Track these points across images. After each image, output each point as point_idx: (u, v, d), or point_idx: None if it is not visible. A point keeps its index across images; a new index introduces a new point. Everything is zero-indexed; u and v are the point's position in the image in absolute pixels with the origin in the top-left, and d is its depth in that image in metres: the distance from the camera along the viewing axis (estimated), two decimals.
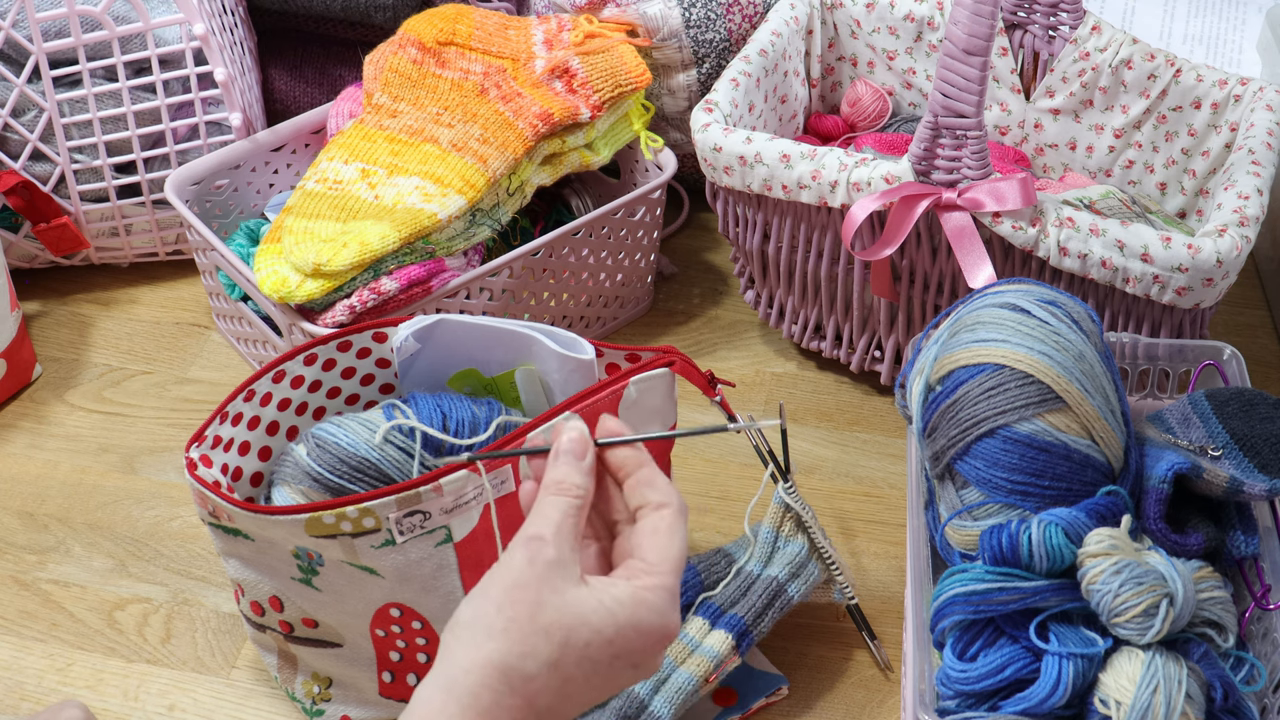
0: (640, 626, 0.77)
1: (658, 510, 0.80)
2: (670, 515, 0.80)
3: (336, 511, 0.96)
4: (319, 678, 1.09)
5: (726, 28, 1.42)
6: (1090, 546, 0.92)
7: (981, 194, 1.15)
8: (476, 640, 0.75)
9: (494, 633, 0.75)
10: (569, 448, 0.81)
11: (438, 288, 1.24)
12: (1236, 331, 1.41)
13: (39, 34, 1.32)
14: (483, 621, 0.75)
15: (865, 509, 1.26)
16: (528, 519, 0.80)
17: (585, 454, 0.81)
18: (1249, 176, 1.18)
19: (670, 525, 0.80)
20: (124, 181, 1.41)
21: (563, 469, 0.81)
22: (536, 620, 0.75)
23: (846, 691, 1.12)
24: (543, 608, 0.75)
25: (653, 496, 0.81)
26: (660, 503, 0.81)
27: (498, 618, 0.75)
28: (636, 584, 0.77)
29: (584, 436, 0.82)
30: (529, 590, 0.75)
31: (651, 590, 0.77)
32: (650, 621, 0.77)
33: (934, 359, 1.01)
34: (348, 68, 1.55)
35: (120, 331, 1.44)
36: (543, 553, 0.76)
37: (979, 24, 1.08)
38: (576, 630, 0.75)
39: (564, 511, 0.79)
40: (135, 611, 1.18)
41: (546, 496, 0.80)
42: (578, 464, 0.81)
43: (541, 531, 0.78)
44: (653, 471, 0.82)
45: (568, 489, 0.80)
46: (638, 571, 0.78)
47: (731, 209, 1.31)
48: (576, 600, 0.76)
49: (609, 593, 0.77)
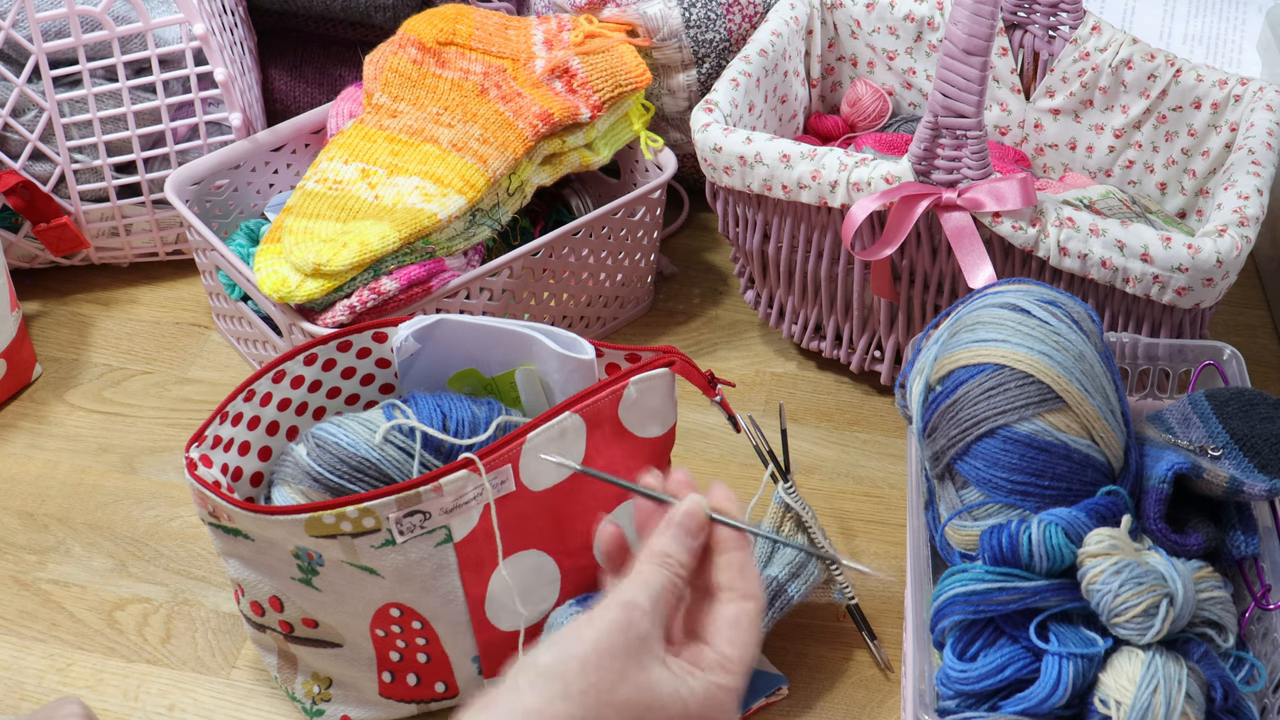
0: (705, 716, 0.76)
1: (744, 601, 0.79)
2: (754, 611, 0.79)
3: (336, 511, 0.96)
4: (319, 678, 1.09)
5: (726, 28, 1.42)
6: (1090, 546, 0.92)
7: (981, 194, 1.15)
8: (552, 695, 0.73)
9: (572, 694, 0.73)
10: (685, 523, 0.80)
11: (438, 288, 1.24)
12: (1236, 331, 1.41)
13: (39, 34, 1.32)
14: (563, 678, 0.73)
15: (865, 509, 1.26)
16: (627, 580, 0.78)
17: (698, 535, 0.80)
18: (1249, 176, 1.18)
19: (753, 622, 0.79)
20: (124, 181, 1.41)
21: (672, 543, 0.79)
22: (616, 693, 0.74)
23: (846, 691, 1.12)
24: (624, 681, 0.74)
25: (740, 584, 0.80)
26: (748, 593, 0.79)
27: (579, 679, 0.73)
28: (713, 680, 0.77)
29: (702, 515, 0.81)
30: (616, 659, 0.74)
31: (724, 690, 0.77)
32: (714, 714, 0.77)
33: (934, 359, 1.01)
34: (348, 68, 1.55)
35: (120, 331, 1.44)
36: (638, 625, 0.75)
37: (979, 24, 1.08)
38: (651, 710, 0.75)
39: (664, 586, 0.77)
40: (135, 611, 1.18)
41: (650, 565, 0.78)
42: (689, 542, 0.80)
43: (640, 601, 0.76)
44: (749, 558, 0.81)
45: (674, 565, 0.78)
46: (714, 666, 0.77)
47: (731, 209, 1.31)
48: (657, 682, 0.75)
49: (686, 683, 0.76)
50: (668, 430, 1.09)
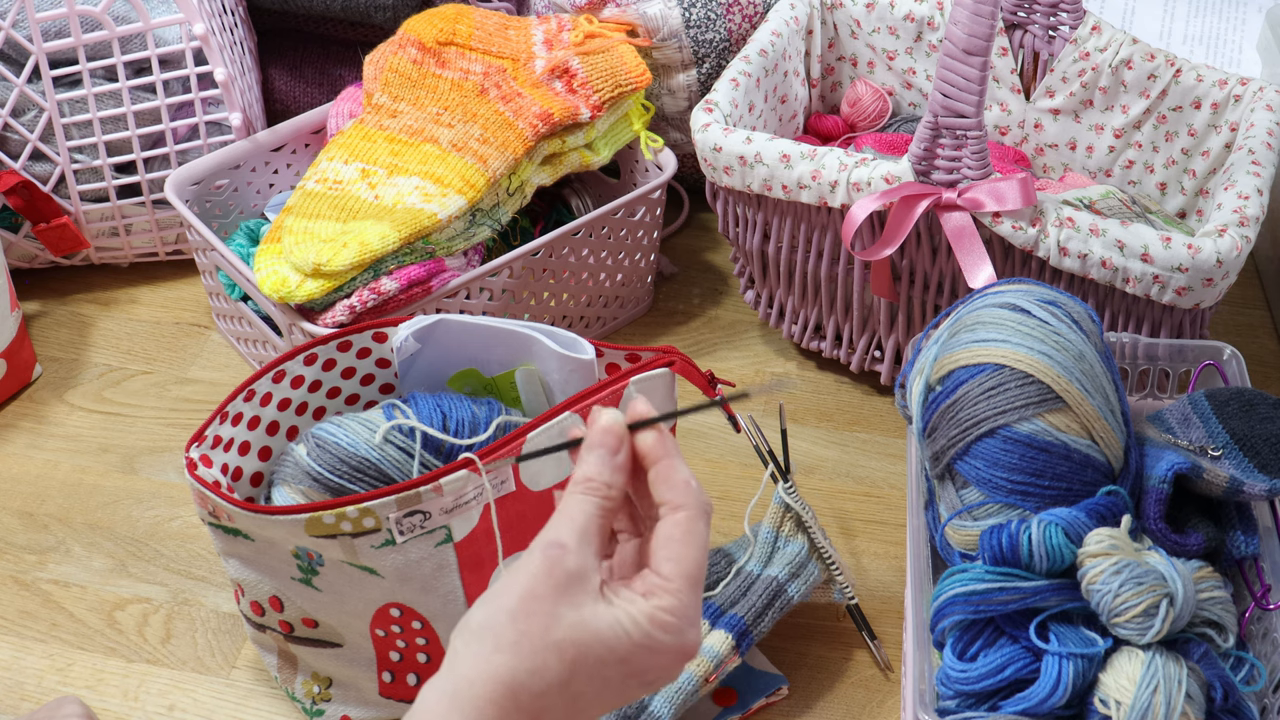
0: (655, 647, 0.72)
1: (674, 513, 0.74)
2: (685, 520, 0.74)
3: (336, 511, 0.96)
4: (319, 678, 1.09)
5: (726, 28, 1.42)
6: (1090, 546, 0.92)
7: (981, 194, 1.15)
8: (485, 651, 0.71)
9: (504, 645, 0.71)
10: (602, 440, 0.75)
11: (438, 288, 1.24)
12: (1236, 331, 1.41)
13: (39, 34, 1.32)
14: (493, 631, 0.71)
15: (865, 509, 1.26)
16: (552, 520, 0.74)
17: (619, 449, 0.75)
18: (1249, 176, 1.18)
19: (685, 532, 0.74)
20: (124, 181, 1.41)
21: (593, 464, 0.74)
22: (550, 635, 0.71)
23: (846, 691, 1.12)
24: (557, 623, 0.71)
25: (669, 495, 0.74)
26: (676, 504, 0.74)
27: (509, 629, 0.71)
28: (653, 604, 0.72)
29: (617, 428, 0.75)
30: (544, 603, 0.71)
31: (669, 611, 0.72)
32: (666, 642, 0.72)
33: (934, 359, 1.01)
34: (348, 68, 1.55)
35: (120, 331, 1.44)
36: (563, 562, 0.71)
37: (979, 24, 1.08)
38: (590, 648, 0.71)
39: (589, 514, 0.73)
40: (135, 611, 1.18)
41: (573, 494, 0.74)
42: (609, 459, 0.75)
43: (563, 538, 0.72)
44: (672, 465, 0.75)
45: (596, 488, 0.74)
46: (654, 588, 0.73)
47: (731, 209, 1.31)
48: (592, 617, 0.71)
49: (625, 610, 0.72)
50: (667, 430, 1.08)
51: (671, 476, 0.75)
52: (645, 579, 0.74)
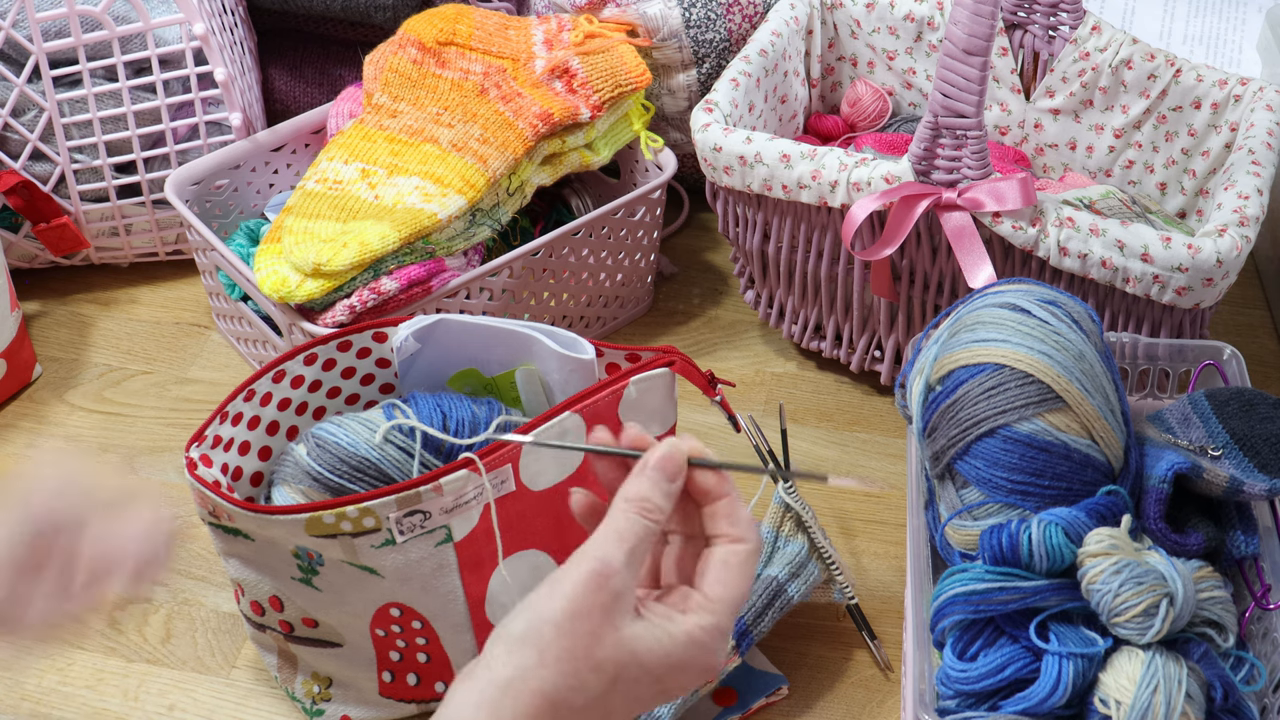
0: (689, 667, 0.75)
1: (734, 544, 0.76)
2: (744, 552, 0.76)
3: (336, 511, 0.96)
4: (319, 677, 1.09)
5: (726, 28, 1.42)
6: (1090, 546, 0.92)
7: (981, 194, 1.15)
8: (529, 663, 0.72)
9: (547, 661, 0.72)
10: (662, 465, 0.76)
11: (438, 288, 1.24)
12: (1236, 331, 1.41)
13: (39, 34, 1.32)
14: (538, 644, 0.72)
15: (865, 509, 1.26)
16: (599, 531, 0.75)
17: (676, 478, 0.76)
18: (1249, 176, 1.18)
19: (742, 562, 0.76)
20: (124, 181, 1.41)
21: (648, 487, 0.75)
22: (593, 654, 0.72)
23: (846, 691, 1.12)
24: (599, 642, 0.72)
25: (731, 530, 0.77)
26: (739, 537, 0.76)
27: (553, 645, 0.72)
28: (693, 621, 0.74)
29: (679, 456, 0.77)
30: (589, 621, 0.72)
31: (707, 631, 0.74)
32: (700, 661, 0.75)
33: (934, 359, 1.01)
34: (348, 68, 1.55)
35: (120, 331, 1.44)
36: (610, 582, 0.73)
37: (979, 24, 1.08)
38: (628, 668, 0.73)
39: (639, 535, 0.74)
40: (135, 611, 1.18)
41: (626, 512, 0.75)
42: (666, 486, 0.76)
43: (611, 557, 0.73)
44: (738, 503, 0.77)
45: (650, 511, 0.75)
46: (696, 607, 0.75)
47: (731, 209, 1.31)
48: (633, 637, 0.73)
49: (665, 629, 0.74)
50: (667, 430, 1.09)
51: (735, 513, 0.77)
52: (689, 596, 0.76)
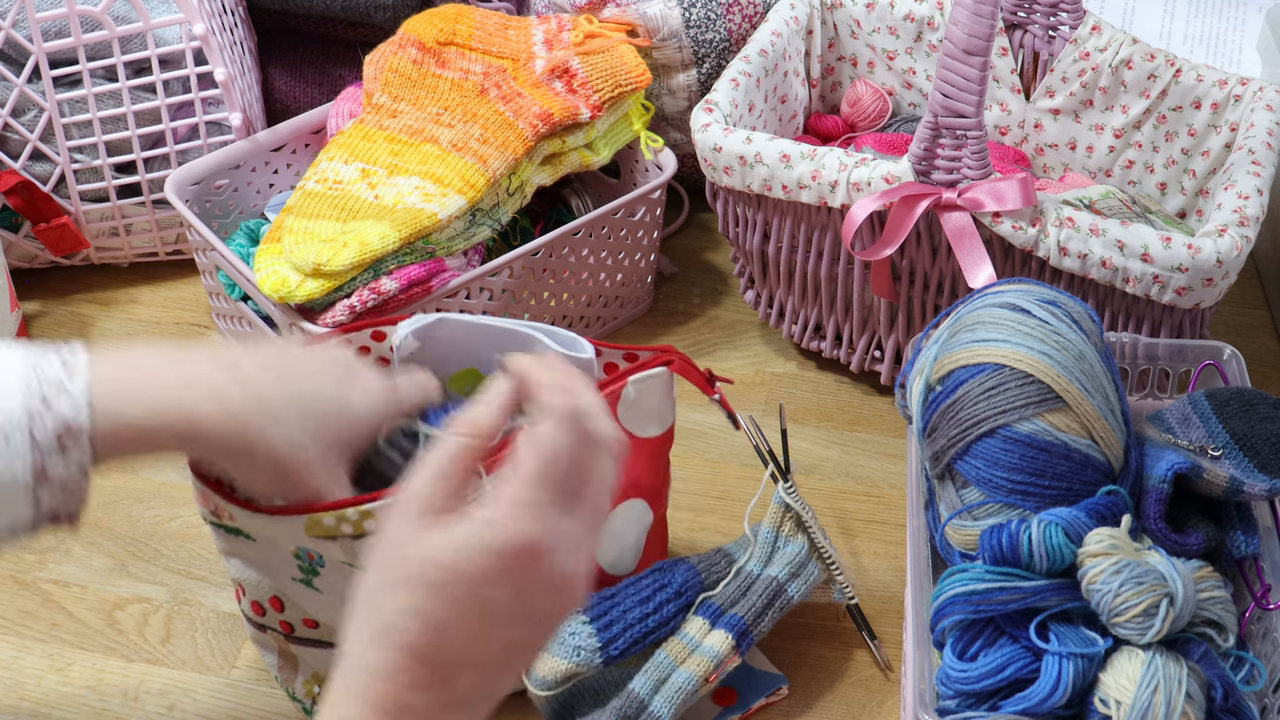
0: (491, 548, 0.71)
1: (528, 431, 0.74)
2: (535, 433, 0.73)
3: (336, 513, 0.96)
4: (319, 678, 1.09)
5: (726, 28, 1.42)
6: (1090, 546, 0.92)
7: (981, 194, 1.15)
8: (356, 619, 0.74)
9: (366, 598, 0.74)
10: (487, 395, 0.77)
11: (438, 288, 1.24)
12: (1236, 331, 1.41)
13: (39, 34, 1.32)
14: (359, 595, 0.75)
15: (865, 509, 1.26)
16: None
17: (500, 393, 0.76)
18: (1249, 176, 1.18)
19: (528, 438, 0.73)
20: (124, 181, 1.41)
21: (473, 408, 0.76)
22: (396, 571, 0.72)
23: (846, 691, 1.12)
24: (406, 559, 0.72)
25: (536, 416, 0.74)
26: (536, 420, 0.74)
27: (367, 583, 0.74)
28: (482, 512, 0.72)
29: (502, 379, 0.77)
30: (392, 547, 0.73)
31: (494, 509, 0.72)
32: (500, 539, 0.71)
33: (934, 359, 1.01)
34: (348, 68, 1.55)
35: (120, 331, 1.44)
36: (408, 504, 0.73)
37: (979, 24, 1.08)
38: (426, 573, 0.72)
39: (446, 451, 0.74)
40: (135, 611, 1.18)
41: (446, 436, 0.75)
42: (488, 403, 0.76)
43: (413, 481, 0.74)
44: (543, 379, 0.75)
45: (458, 425, 0.75)
46: (487, 502, 0.73)
47: (731, 209, 1.31)
48: (427, 544, 0.72)
49: (456, 528, 0.72)
50: (666, 430, 1.09)
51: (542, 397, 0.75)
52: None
